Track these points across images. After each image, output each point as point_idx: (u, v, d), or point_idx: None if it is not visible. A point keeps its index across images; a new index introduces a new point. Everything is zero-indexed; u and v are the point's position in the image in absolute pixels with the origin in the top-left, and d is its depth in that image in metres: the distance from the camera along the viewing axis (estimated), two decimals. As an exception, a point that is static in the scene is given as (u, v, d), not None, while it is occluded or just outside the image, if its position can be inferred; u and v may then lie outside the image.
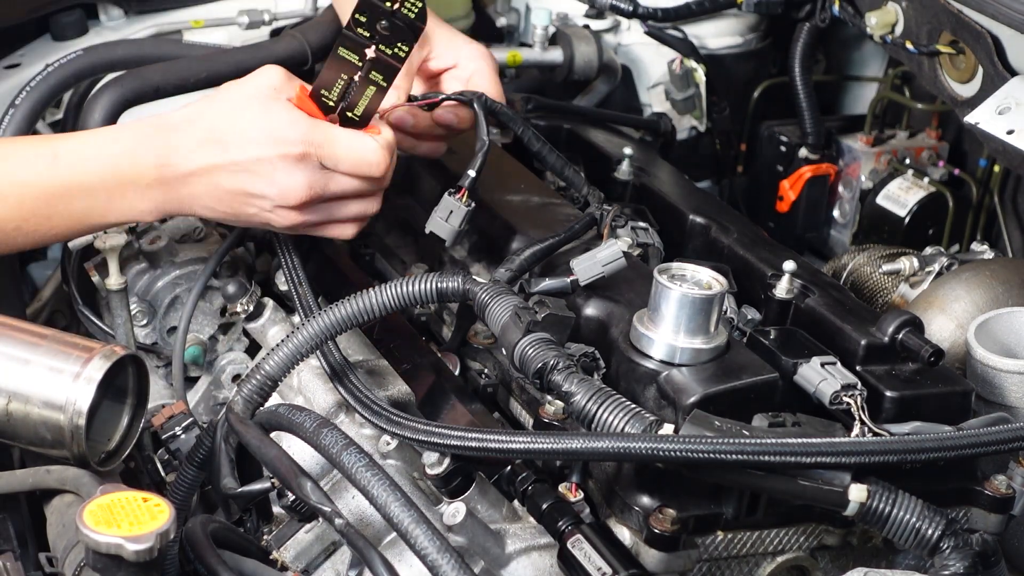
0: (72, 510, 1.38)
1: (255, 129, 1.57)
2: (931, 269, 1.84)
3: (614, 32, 2.45)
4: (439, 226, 1.62)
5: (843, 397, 1.40)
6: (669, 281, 1.40)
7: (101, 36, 2.23)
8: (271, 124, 1.57)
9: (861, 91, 2.60)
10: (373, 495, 1.27)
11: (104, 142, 1.61)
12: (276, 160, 1.56)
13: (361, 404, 1.48)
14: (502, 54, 2.29)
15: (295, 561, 1.47)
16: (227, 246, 1.84)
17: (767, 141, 2.41)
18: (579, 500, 1.37)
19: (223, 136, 1.57)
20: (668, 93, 2.39)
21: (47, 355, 1.44)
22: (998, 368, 1.56)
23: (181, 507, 1.49)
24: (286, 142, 1.56)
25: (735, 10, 2.40)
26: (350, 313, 1.45)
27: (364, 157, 1.58)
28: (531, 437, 1.30)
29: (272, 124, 1.57)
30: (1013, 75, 1.88)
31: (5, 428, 1.44)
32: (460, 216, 1.61)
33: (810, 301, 1.58)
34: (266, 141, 1.56)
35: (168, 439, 1.61)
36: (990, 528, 1.45)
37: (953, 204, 2.25)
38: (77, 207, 1.60)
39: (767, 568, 1.42)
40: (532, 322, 1.41)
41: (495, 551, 1.37)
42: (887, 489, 1.26)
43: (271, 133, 1.56)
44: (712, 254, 1.77)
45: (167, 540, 1.18)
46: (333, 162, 1.58)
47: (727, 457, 1.24)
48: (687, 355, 1.40)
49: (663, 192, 1.93)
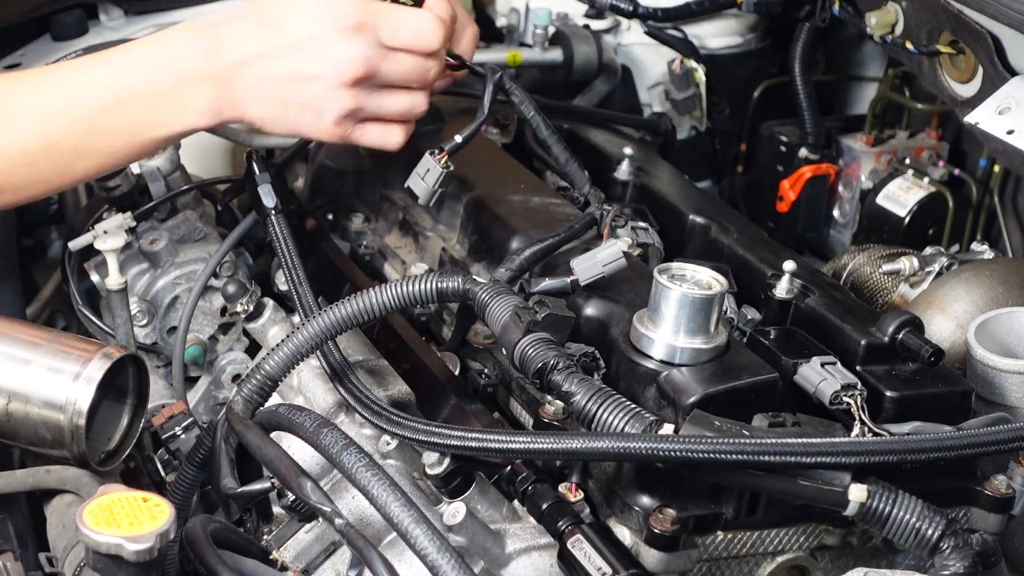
0: (72, 510, 1.38)
1: (307, 5, 1.55)
2: (931, 269, 1.84)
3: (614, 32, 2.44)
4: (416, 183, 1.65)
5: (843, 397, 1.40)
6: (669, 281, 1.40)
7: (101, 36, 2.23)
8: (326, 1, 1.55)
9: (861, 91, 2.60)
10: (373, 495, 1.27)
11: (154, 43, 1.59)
12: (331, 34, 1.55)
13: (361, 404, 1.49)
14: (502, 54, 2.29)
15: (295, 561, 1.47)
16: (227, 246, 1.84)
17: (767, 141, 2.41)
18: (579, 500, 1.37)
19: (276, 19, 1.56)
20: (668, 93, 2.39)
21: (47, 355, 1.44)
22: (998, 368, 1.56)
23: (181, 507, 1.49)
24: (341, 15, 1.55)
25: (735, 10, 2.40)
26: (350, 313, 1.45)
27: (422, 27, 1.58)
28: (531, 437, 1.30)
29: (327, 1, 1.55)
30: (1013, 75, 1.88)
31: (5, 428, 1.44)
32: (435, 176, 1.63)
33: (810, 301, 1.58)
34: (320, 17, 1.55)
35: (168, 439, 1.61)
36: (990, 528, 1.45)
37: (953, 204, 2.25)
38: (133, 115, 1.57)
39: (767, 568, 1.42)
40: (532, 322, 1.41)
41: (495, 551, 1.37)
42: (887, 489, 1.26)
43: (324, 7, 1.55)
44: (712, 254, 1.77)
45: (167, 540, 1.18)
46: (391, 32, 1.57)
47: (727, 457, 1.24)
48: (687, 355, 1.40)
49: (663, 192, 1.93)
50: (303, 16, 1.55)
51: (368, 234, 1.94)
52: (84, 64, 1.60)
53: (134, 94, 1.56)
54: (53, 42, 2.23)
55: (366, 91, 1.59)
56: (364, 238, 1.93)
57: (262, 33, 1.56)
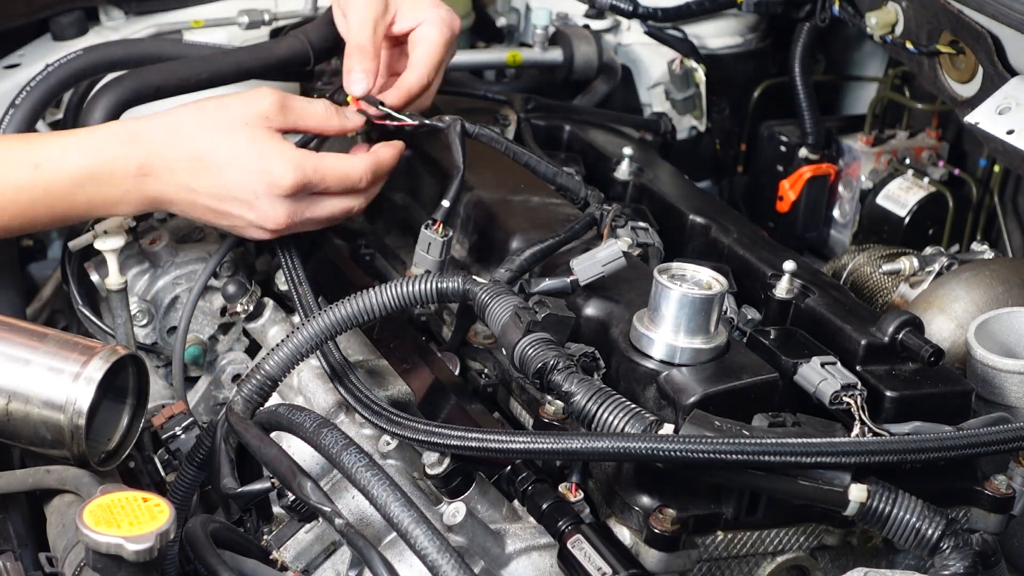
0: (72, 510, 1.38)
1: (243, 159, 1.60)
2: (931, 269, 1.84)
3: (614, 32, 2.44)
4: (423, 260, 1.67)
5: (843, 397, 1.40)
6: (669, 281, 1.40)
7: (101, 36, 2.23)
8: (261, 160, 1.60)
9: (861, 91, 2.60)
10: (373, 495, 1.27)
11: (86, 149, 1.62)
12: (263, 196, 1.62)
13: (361, 404, 1.49)
14: (502, 54, 2.29)
15: (295, 561, 1.47)
16: (227, 246, 1.84)
17: (767, 141, 2.41)
18: (579, 500, 1.37)
19: (209, 158, 1.61)
20: (668, 93, 2.39)
21: (47, 355, 1.44)
22: (998, 368, 1.55)
23: (181, 507, 1.49)
24: (277, 181, 1.61)
25: (735, 10, 2.40)
26: (350, 313, 1.45)
27: (351, 175, 1.66)
28: (531, 437, 1.30)
29: (262, 160, 1.60)
30: (1013, 75, 1.88)
31: (5, 428, 1.44)
32: (439, 248, 1.65)
33: (810, 301, 1.58)
34: (255, 177, 1.61)
35: (168, 439, 1.61)
36: (990, 528, 1.45)
37: (953, 204, 2.24)
38: (59, 209, 1.62)
39: (767, 568, 1.42)
40: (532, 322, 1.41)
41: (495, 551, 1.37)
42: (887, 489, 1.26)
43: (262, 170, 1.60)
44: (712, 254, 1.77)
45: (167, 540, 1.18)
46: (322, 185, 1.64)
47: (727, 457, 1.24)
48: (687, 355, 1.40)
49: (663, 192, 1.93)
50: (237, 170, 1.61)
51: (368, 234, 1.94)
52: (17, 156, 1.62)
53: (64, 195, 1.61)
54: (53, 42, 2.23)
55: (288, 231, 1.68)
56: (364, 238, 1.93)
57: (194, 168, 1.61)
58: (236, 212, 1.63)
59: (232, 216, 1.64)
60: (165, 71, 1.92)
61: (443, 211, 1.66)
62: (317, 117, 1.68)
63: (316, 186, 1.63)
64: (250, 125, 1.61)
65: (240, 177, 1.61)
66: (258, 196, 1.61)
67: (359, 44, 1.76)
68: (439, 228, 1.65)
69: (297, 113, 1.66)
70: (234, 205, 1.63)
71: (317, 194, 1.65)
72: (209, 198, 1.63)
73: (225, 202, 1.63)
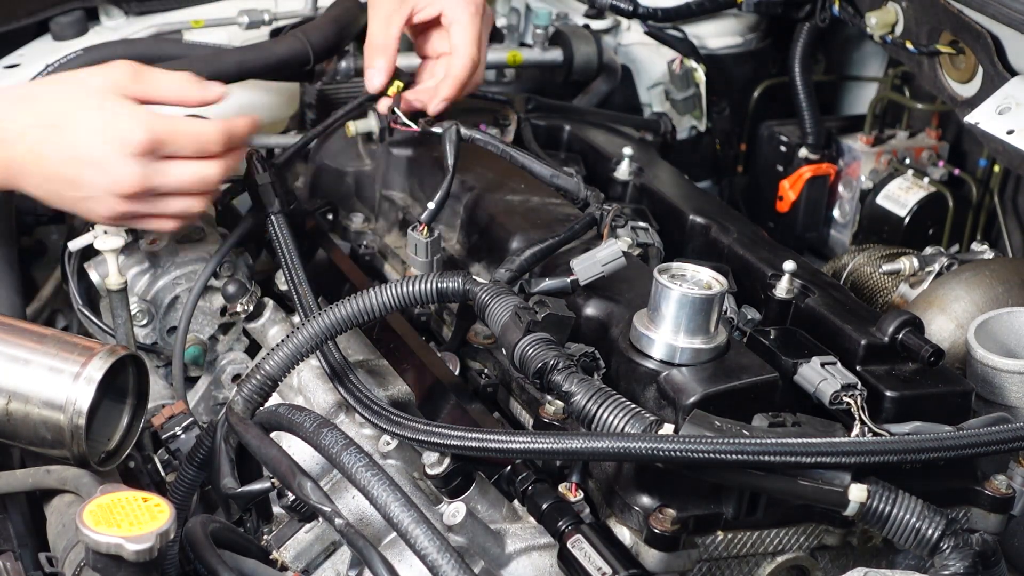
0: (72, 510, 1.38)
1: (94, 122, 1.59)
2: (931, 269, 1.84)
3: (614, 32, 2.45)
4: (414, 263, 1.70)
5: (843, 397, 1.40)
6: (669, 281, 1.40)
7: (101, 36, 2.23)
8: (112, 120, 1.59)
9: (861, 91, 2.60)
10: (373, 495, 1.27)
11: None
12: (112, 154, 1.59)
13: (361, 404, 1.49)
14: (502, 54, 2.29)
15: (295, 561, 1.47)
16: (227, 246, 1.84)
17: (767, 141, 2.41)
18: (579, 500, 1.37)
19: (61, 124, 1.59)
20: (668, 93, 2.39)
21: (47, 355, 1.44)
22: (998, 368, 1.56)
23: (181, 507, 1.49)
24: (127, 137, 1.59)
25: (735, 10, 2.40)
26: (350, 313, 1.45)
27: (204, 138, 1.64)
28: (531, 437, 1.30)
29: (113, 119, 1.59)
30: (1013, 75, 1.88)
31: (5, 428, 1.44)
32: (424, 249, 1.67)
33: (810, 301, 1.58)
34: (104, 134, 1.59)
35: (168, 439, 1.61)
36: (990, 528, 1.45)
37: (953, 204, 2.25)
38: None
39: (767, 568, 1.42)
40: (532, 322, 1.41)
41: (495, 551, 1.37)
42: (887, 489, 1.26)
43: (111, 127, 1.59)
44: (712, 254, 1.77)
45: (167, 540, 1.18)
46: (173, 147, 1.62)
47: (727, 457, 1.24)
48: (687, 355, 1.40)
49: (663, 192, 1.93)
50: (88, 131, 1.59)
51: (368, 234, 1.94)
52: None
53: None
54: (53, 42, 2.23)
55: (140, 200, 1.64)
56: (364, 238, 1.93)
57: (46, 131, 1.60)
58: (88, 177, 1.60)
59: (85, 184, 1.61)
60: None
61: (428, 213, 1.68)
62: (173, 88, 1.67)
63: (167, 145, 1.61)
64: (103, 92, 1.61)
65: (90, 138, 1.59)
66: (108, 156, 1.59)
67: (372, 42, 1.88)
68: (424, 230, 1.68)
69: (153, 83, 1.65)
70: (86, 169, 1.60)
71: (169, 157, 1.63)
72: (60, 163, 1.60)
73: (76, 166, 1.60)
